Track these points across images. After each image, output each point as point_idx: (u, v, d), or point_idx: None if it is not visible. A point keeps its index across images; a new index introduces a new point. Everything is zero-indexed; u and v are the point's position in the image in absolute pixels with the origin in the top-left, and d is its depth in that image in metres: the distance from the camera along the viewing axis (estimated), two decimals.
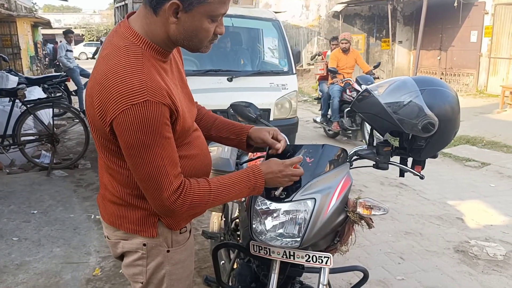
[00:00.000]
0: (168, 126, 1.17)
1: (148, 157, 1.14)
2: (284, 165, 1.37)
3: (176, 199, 1.20)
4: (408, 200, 4.46)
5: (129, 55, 1.15)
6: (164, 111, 1.14)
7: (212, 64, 4.96)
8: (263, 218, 1.50)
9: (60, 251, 3.32)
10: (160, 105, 1.12)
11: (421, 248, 3.39)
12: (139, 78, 1.11)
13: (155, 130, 1.12)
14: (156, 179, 1.17)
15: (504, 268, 3.09)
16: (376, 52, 14.33)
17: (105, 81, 1.12)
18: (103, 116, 1.13)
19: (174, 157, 1.20)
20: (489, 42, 11.51)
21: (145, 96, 1.09)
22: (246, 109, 1.93)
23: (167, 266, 1.37)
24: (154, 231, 1.32)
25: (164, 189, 1.18)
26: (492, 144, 6.78)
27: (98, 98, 1.13)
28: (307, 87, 13.53)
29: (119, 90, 1.09)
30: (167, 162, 1.17)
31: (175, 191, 1.19)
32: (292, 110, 4.90)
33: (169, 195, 1.19)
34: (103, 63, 1.16)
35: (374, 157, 1.64)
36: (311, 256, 1.50)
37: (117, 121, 1.11)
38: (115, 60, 1.14)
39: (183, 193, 1.21)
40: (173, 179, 1.19)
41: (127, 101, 1.08)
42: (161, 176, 1.17)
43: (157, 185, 1.17)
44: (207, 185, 1.26)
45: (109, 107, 1.11)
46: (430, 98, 1.49)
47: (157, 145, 1.14)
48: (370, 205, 1.48)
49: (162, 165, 1.16)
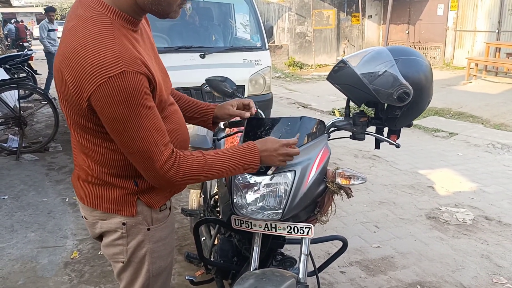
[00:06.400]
0: (149, 95, 1.14)
1: (133, 129, 1.11)
2: (280, 144, 1.36)
3: (170, 168, 1.18)
4: (381, 171, 4.58)
5: (97, 26, 1.09)
6: (142, 80, 1.10)
7: (183, 41, 4.85)
8: (244, 192, 1.51)
9: (35, 236, 3.25)
10: (137, 75, 1.08)
11: (395, 217, 3.51)
12: (112, 48, 1.06)
13: (136, 101, 1.09)
14: (145, 150, 1.14)
15: (472, 232, 3.25)
16: (347, 27, 14.38)
17: (75, 56, 1.06)
18: (78, 92, 1.09)
19: (161, 126, 1.18)
20: (455, 15, 11.72)
21: (120, 67, 1.05)
22: (222, 83, 1.90)
23: (148, 244, 1.35)
24: (133, 210, 1.30)
25: (155, 160, 1.15)
26: (459, 114, 7.01)
27: (70, 74, 1.08)
28: (279, 63, 13.48)
29: (92, 63, 1.04)
30: (154, 131, 1.14)
31: (167, 160, 1.17)
32: (266, 86, 4.88)
33: (161, 165, 1.17)
34: (70, 36, 1.09)
35: (351, 128, 1.66)
36: (293, 227, 1.52)
37: (95, 97, 1.06)
38: (83, 32, 1.08)
39: (176, 162, 1.19)
40: (163, 148, 1.17)
41: (102, 75, 1.04)
42: (151, 147, 1.14)
43: (148, 156, 1.15)
44: (202, 157, 1.25)
45: (84, 82, 1.06)
46: (405, 67, 1.51)
47: (140, 116, 1.11)
48: (348, 175, 1.51)
49: (149, 135, 1.13)
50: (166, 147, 1.18)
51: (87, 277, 2.72)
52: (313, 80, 11.41)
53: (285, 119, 1.60)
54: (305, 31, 13.89)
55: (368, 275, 2.72)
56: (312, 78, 11.66)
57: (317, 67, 13.52)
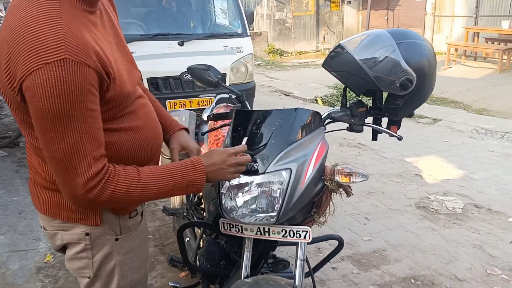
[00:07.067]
0: (94, 95, 0.95)
1: (62, 130, 0.91)
2: (227, 154, 1.17)
3: (94, 187, 0.97)
4: (368, 160, 4.49)
5: (41, 5, 0.91)
6: (88, 74, 0.91)
7: (160, 28, 4.60)
8: (233, 193, 1.35)
9: (4, 238, 3.03)
10: (83, 66, 0.90)
11: (384, 207, 3.42)
12: (56, 31, 0.88)
13: (74, 98, 0.90)
14: (70, 159, 0.94)
15: (463, 220, 3.18)
16: (326, 13, 14.22)
17: (13, 38, 0.89)
18: (11, 80, 0.91)
19: (98, 135, 0.98)
20: (434, 0, 11.71)
21: (62, 53, 0.87)
22: (205, 72, 1.72)
23: (117, 256, 1.18)
24: (97, 219, 1.13)
25: (79, 173, 0.95)
26: (441, 100, 6.99)
27: (6, 60, 0.91)
28: (259, 50, 13.25)
29: (29, 46, 0.87)
30: (87, 139, 0.94)
31: (93, 177, 0.96)
32: (249, 74, 4.70)
33: (85, 181, 0.96)
34: (11, 18, 0.92)
35: (349, 119, 1.52)
36: (288, 231, 1.38)
37: (26, 84, 0.88)
38: (24, 12, 0.90)
39: (103, 180, 0.98)
40: (93, 161, 0.96)
41: (39, 59, 0.86)
42: (78, 156, 0.94)
43: (72, 167, 0.94)
44: (136, 174, 1.04)
45: (18, 68, 0.88)
46: (407, 52, 1.38)
47: (75, 117, 0.91)
48: (349, 172, 1.37)
49: (79, 143, 0.93)
50: (97, 161, 0.97)
51: (62, 282, 2.53)
52: (294, 67, 11.25)
53: (278, 112, 1.44)
54: (284, 17, 13.67)
55: (361, 270, 2.61)
56: (293, 66, 11.49)
57: (297, 54, 13.36)
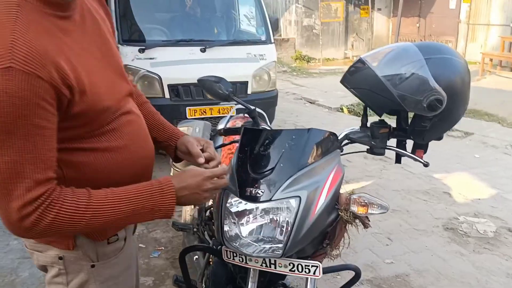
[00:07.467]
0: (45, 110, 0.84)
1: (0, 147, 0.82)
2: (203, 178, 1.04)
3: (30, 213, 0.85)
4: (393, 175, 4.28)
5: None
6: (37, 86, 0.81)
7: (183, 34, 4.57)
8: (237, 220, 1.23)
9: (17, 244, 3.00)
10: (31, 78, 0.80)
11: (409, 227, 3.22)
12: (5, 36, 0.80)
13: (16, 112, 0.80)
14: (6, 180, 0.83)
15: (495, 246, 2.95)
16: (355, 20, 13.96)
17: None
18: None
19: (46, 156, 0.87)
20: (468, 8, 11.29)
21: (7, 61, 0.78)
22: (216, 84, 1.61)
23: (94, 284, 1.08)
24: (70, 243, 1.02)
25: (14, 197, 0.84)
26: (474, 112, 6.66)
27: None
28: (286, 57, 13.12)
29: None
30: (29, 159, 0.84)
31: (30, 202, 0.85)
32: (271, 82, 4.59)
33: (19, 206, 0.84)
34: None
35: (369, 141, 1.37)
36: (296, 265, 1.24)
37: None
38: None
39: (42, 206, 0.86)
40: (34, 185, 0.85)
41: None
42: (15, 178, 0.83)
43: (6, 190, 0.84)
44: (85, 198, 0.91)
45: None
46: (437, 68, 1.23)
47: (16, 134, 0.82)
48: (366, 202, 1.22)
49: (19, 163, 0.83)
50: (38, 185, 0.85)
51: None
52: (321, 74, 11.07)
53: (289, 132, 1.31)
54: (312, 24, 13.50)
55: None
56: (320, 73, 11.32)
57: (325, 61, 13.15)
